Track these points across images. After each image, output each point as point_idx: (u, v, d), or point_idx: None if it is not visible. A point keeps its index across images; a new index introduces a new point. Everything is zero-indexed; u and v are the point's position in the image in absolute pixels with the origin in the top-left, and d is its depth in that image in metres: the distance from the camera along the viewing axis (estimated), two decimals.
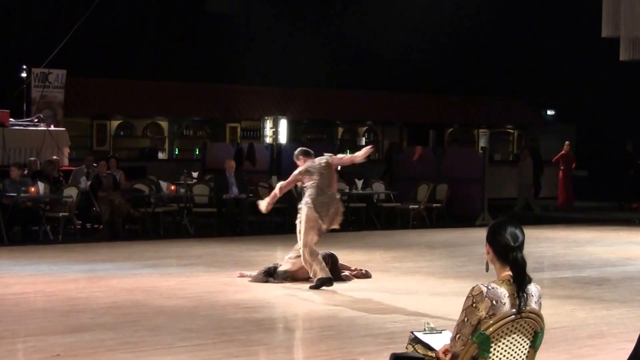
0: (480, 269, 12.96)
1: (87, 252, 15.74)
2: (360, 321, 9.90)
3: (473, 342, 5.08)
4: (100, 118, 27.97)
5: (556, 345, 8.31)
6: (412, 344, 5.58)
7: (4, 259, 14.60)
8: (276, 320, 10.21)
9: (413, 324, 9.26)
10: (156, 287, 12.04)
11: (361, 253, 15.68)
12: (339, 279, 12.50)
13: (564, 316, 10.09)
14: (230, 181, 19.37)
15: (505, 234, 5.18)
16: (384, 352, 8.39)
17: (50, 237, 17.29)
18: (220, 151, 25.41)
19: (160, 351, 8.33)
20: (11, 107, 21.19)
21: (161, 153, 28.95)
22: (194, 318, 10.02)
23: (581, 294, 11.93)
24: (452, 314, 9.59)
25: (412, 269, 13.98)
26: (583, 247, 17.36)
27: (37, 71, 22.35)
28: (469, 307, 5.11)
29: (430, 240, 18.37)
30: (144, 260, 14.51)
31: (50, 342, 8.63)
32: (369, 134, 32.19)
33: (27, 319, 9.99)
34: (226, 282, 12.53)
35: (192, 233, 18.70)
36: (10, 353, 8.44)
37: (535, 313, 5.19)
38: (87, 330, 9.24)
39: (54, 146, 20.69)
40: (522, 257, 5.14)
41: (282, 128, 25.04)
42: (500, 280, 5.17)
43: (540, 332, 5.22)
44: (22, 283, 12.23)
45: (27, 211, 17.19)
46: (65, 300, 10.97)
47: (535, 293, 5.23)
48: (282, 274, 12.38)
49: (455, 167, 22.36)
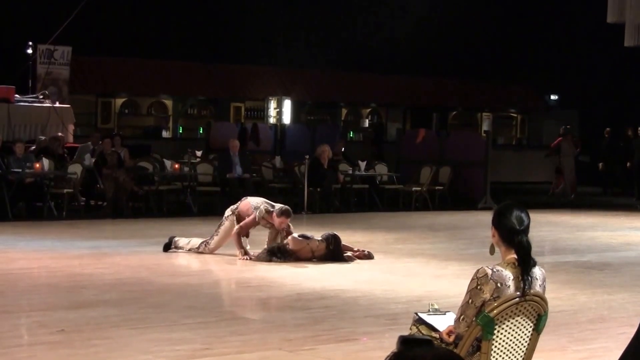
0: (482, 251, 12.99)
1: (91, 228, 15.79)
2: (363, 302, 9.94)
3: (477, 324, 5.11)
4: (105, 96, 27.99)
5: (557, 329, 8.35)
6: (416, 325, 5.62)
7: (9, 234, 14.65)
8: (279, 300, 10.25)
9: (415, 305, 9.31)
10: (160, 264, 12.09)
11: (364, 234, 15.71)
12: (342, 260, 12.56)
13: (565, 300, 10.14)
14: (234, 160, 19.41)
15: (511, 217, 5.21)
16: (387, 332, 8.45)
17: (54, 214, 17.34)
18: (224, 131, 25.44)
19: (164, 328, 8.38)
20: (16, 84, 21.20)
21: (165, 131, 28.98)
22: (198, 296, 10.07)
23: (582, 278, 11.97)
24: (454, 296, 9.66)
25: (415, 251, 14.02)
26: (585, 231, 17.39)
27: (43, 48, 22.34)
28: (473, 289, 5.15)
29: (432, 222, 18.41)
30: (148, 238, 14.55)
31: (55, 318, 8.68)
32: (373, 116, 32.20)
33: (31, 294, 10.04)
34: (230, 261, 12.57)
35: (195, 212, 18.74)
36: (15, 328, 8.50)
37: (539, 296, 5.22)
38: (92, 307, 9.29)
39: (58, 123, 20.71)
40: (527, 241, 5.18)
41: (286, 109, 25.04)
42: (505, 263, 5.21)
43: (544, 315, 5.25)
44: (27, 258, 12.28)
45: (31, 187, 17.24)
46: (69, 276, 11.02)
47: (540, 276, 5.26)
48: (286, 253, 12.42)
49: (458, 150, 22.38)
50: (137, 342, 7.83)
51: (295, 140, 24.74)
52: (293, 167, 21.05)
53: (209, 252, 12.85)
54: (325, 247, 12.57)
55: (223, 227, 12.84)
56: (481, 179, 21.76)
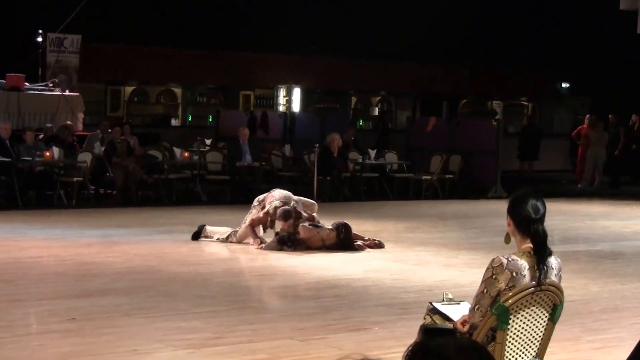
0: (493, 240, 13.00)
1: (101, 217, 15.77)
2: (374, 291, 9.90)
3: (492, 314, 5.07)
4: (115, 84, 27.95)
5: (570, 319, 8.29)
6: (430, 315, 5.58)
7: (19, 223, 14.63)
8: (290, 288, 10.21)
9: (426, 294, 9.27)
10: (169, 253, 12.06)
11: (374, 223, 15.65)
12: (352, 249, 12.51)
13: (578, 290, 10.08)
14: (243, 149, 19.35)
15: (527, 206, 5.15)
16: (398, 322, 8.41)
17: (64, 202, 17.31)
18: (233, 119, 25.38)
19: (174, 317, 8.35)
20: (26, 72, 21.16)
21: (174, 120, 28.93)
22: (208, 285, 10.04)
23: (595, 267, 11.90)
24: (465, 285, 9.62)
25: (425, 240, 13.96)
26: (597, 220, 17.29)
27: (53, 36, 22.28)
28: (488, 278, 5.10)
29: (442, 211, 18.33)
30: (157, 227, 14.52)
31: (66, 306, 8.66)
32: (383, 104, 32.12)
33: (41, 282, 10.03)
34: (240, 250, 12.54)
35: (204, 200, 18.70)
36: (26, 316, 8.48)
37: (555, 286, 5.18)
38: (102, 295, 9.26)
39: (68, 111, 20.68)
40: (543, 229, 5.13)
41: (295, 97, 24.96)
42: (520, 252, 5.16)
43: (559, 305, 5.21)
44: (37, 247, 12.26)
45: (41, 176, 17.22)
46: (79, 265, 11.00)
47: (556, 266, 5.21)
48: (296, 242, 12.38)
49: (468, 139, 22.28)
50: (147, 331, 7.80)
51: (305, 129, 24.66)
52: (303, 156, 20.98)
53: (236, 241, 12.80)
54: (335, 236, 12.52)
55: (250, 216, 12.79)
56: (492, 168, 21.66)
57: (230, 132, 22.43)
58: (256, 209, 12.76)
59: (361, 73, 30.70)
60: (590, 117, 24.79)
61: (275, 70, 28.89)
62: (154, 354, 7.18)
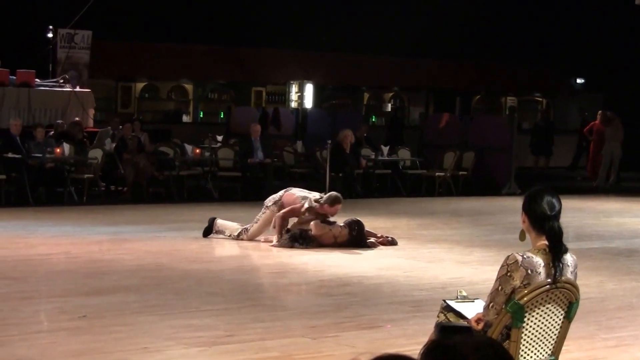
0: (506, 237, 12.90)
1: (111, 214, 15.72)
2: (386, 288, 9.82)
3: (507, 312, 5.02)
4: (125, 80, 27.90)
5: (585, 316, 8.19)
6: (444, 312, 5.51)
7: (29, 219, 14.60)
8: (302, 286, 10.14)
9: (439, 292, 9.18)
10: (180, 250, 11.99)
11: (386, 220, 15.57)
12: (365, 246, 12.43)
13: (593, 287, 9.98)
14: (255, 145, 19.28)
15: (542, 203, 5.08)
16: (411, 319, 8.33)
17: (74, 199, 17.28)
18: (245, 115, 25.31)
19: (186, 314, 8.28)
20: (37, 68, 21.13)
21: (186, 116, 28.89)
22: (219, 282, 9.97)
23: (610, 265, 11.79)
24: (479, 283, 9.53)
25: (438, 237, 13.86)
26: (611, 217, 17.16)
27: (63, 32, 22.25)
28: (503, 275, 5.04)
29: (456, 208, 18.23)
30: (168, 224, 14.47)
31: (76, 304, 8.60)
32: (395, 100, 32.01)
33: (52, 280, 9.98)
34: (251, 247, 12.48)
35: (216, 197, 18.64)
36: (36, 314, 8.43)
37: (570, 283, 5.11)
38: (113, 293, 9.20)
39: (79, 107, 20.64)
40: (559, 226, 5.06)
41: (307, 93, 24.87)
42: (535, 249, 5.09)
43: (575, 303, 5.15)
44: (47, 244, 12.21)
45: (52, 172, 17.18)
46: (89, 262, 10.95)
47: (571, 263, 5.15)
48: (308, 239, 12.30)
49: (482, 135, 22.15)
50: (158, 329, 7.74)
51: (317, 125, 24.58)
52: (315, 152, 20.92)
53: (247, 239, 12.73)
54: (348, 233, 12.44)
55: (264, 216, 12.72)
56: (505, 164, 21.54)
57: (242, 129, 22.35)
58: (271, 210, 12.64)
59: (374, 69, 30.57)
60: (603, 113, 24.51)
61: (287, 66, 28.78)
62: (164, 351, 7.11)
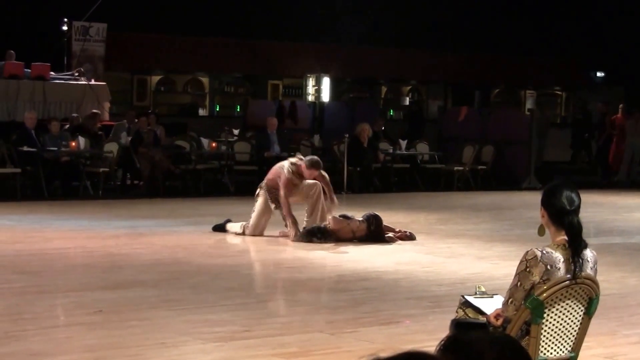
0: (527, 232, 12.77)
1: (127, 208, 15.69)
2: (405, 283, 9.73)
3: (526, 308, 4.97)
4: (141, 73, 27.87)
5: (606, 312, 8.08)
6: (462, 308, 5.44)
7: (44, 213, 14.58)
8: (319, 281, 10.07)
9: (459, 287, 9.09)
10: (197, 244, 11.94)
11: (405, 214, 15.47)
12: (383, 241, 12.34)
13: (614, 283, 9.86)
14: (271, 139, 19.21)
15: (561, 197, 5.01)
16: (429, 315, 8.25)
17: (90, 193, 17.26)
18: (261, 108, 25.27)
19: (203, 309, 8.23)
20: (52, 61, 21.13)
21: (202, 109, 28.85)
22: (236, 277, 9.91)
23: (631, 260, 11.65)
24: (499, 278, 9.43)
25: (457, 232, 13.75)
26: (632, 212, 17.00)
27: (78, 24, 22.24)
28: (522, 271, 4.98)
29: (475, 202, 18.10)
30: (185, 218, 14.43)
31: (92, 298, 8.55)
32: (413, 93, 31.88)
33: (68, 274, 9.94)
34: (268, 242, 12.41)
35: (232, 191, 18.57)
36: (52, 308, 8.39)
37: (590, 279, 5.05)
38: (129, 287, 9.15)
39: (94, 100, 20.61)
40: (578, 221, 5.00)
41: (324, 86, 24.78)
42: (555, 244, 5.03)
43: (595, 299, 5.09)
44: (63, 238, 12.18)
45: (67, 166, 17.17)
46: (105, 256, 10.91)
47: (591, 258, 5.08)
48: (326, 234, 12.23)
49: (501, 129, 22.01)
50: (175, 323, 7.69)
51: (334, 119, 24.50)
52: (332, 146, 20.83)
53: (249, 233, 12.66)
54: (366, 227, 12.36)
55: (257, 204, 12.68)
56: (525, 158, 21.39)
57: (259, 122, 22.30)
58: (261, 196, 12.63)
59: (391, 62, 30.44)
60: (624, 106, 24.20)
61: (304, 59, 28.69)
62: (181, 346, 7.06)
